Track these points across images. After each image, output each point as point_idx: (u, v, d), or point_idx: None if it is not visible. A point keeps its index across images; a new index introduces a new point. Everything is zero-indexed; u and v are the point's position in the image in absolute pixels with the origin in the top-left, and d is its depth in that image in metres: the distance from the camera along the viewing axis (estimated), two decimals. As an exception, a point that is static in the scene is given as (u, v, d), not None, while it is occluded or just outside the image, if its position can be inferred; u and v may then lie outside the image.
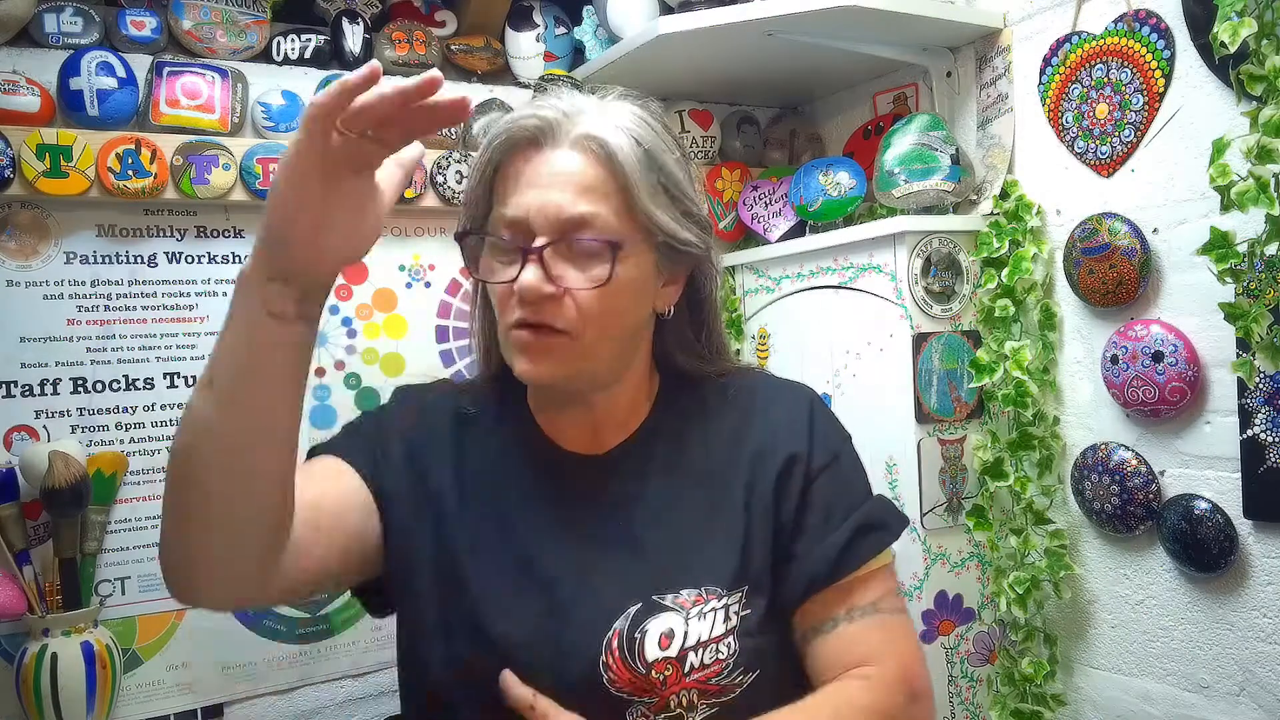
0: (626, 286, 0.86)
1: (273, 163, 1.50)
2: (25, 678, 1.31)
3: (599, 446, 0.93)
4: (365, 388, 1.65)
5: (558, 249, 0.84)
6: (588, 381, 0.89)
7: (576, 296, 0.84)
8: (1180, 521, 1.31)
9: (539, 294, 0.82)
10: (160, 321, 1.50)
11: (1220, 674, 1.31)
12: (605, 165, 0.86)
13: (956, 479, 1.52)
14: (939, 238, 1.52)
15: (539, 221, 0.84)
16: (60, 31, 1.43)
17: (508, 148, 0.88)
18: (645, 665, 0.82)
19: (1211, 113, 1.29)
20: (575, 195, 0.84)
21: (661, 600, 0.84)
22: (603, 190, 0.85)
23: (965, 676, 1.53)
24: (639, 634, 0.83)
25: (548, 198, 0.84)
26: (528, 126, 0.87)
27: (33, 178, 1.36)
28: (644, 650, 0.82)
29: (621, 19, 1.71)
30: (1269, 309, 1.17)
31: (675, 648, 0.82)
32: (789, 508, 0.89)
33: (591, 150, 0.86)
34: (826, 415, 0.96)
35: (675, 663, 0.82)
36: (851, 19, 1.51)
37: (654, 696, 0.82)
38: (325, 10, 1.65)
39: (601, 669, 0.82)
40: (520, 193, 0.85)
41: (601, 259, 0.84)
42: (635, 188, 0.86)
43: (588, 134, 0.86)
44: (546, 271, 0.83)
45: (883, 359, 1.53)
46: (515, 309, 0.84)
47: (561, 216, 0.84)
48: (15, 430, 1.39)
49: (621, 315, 0.87)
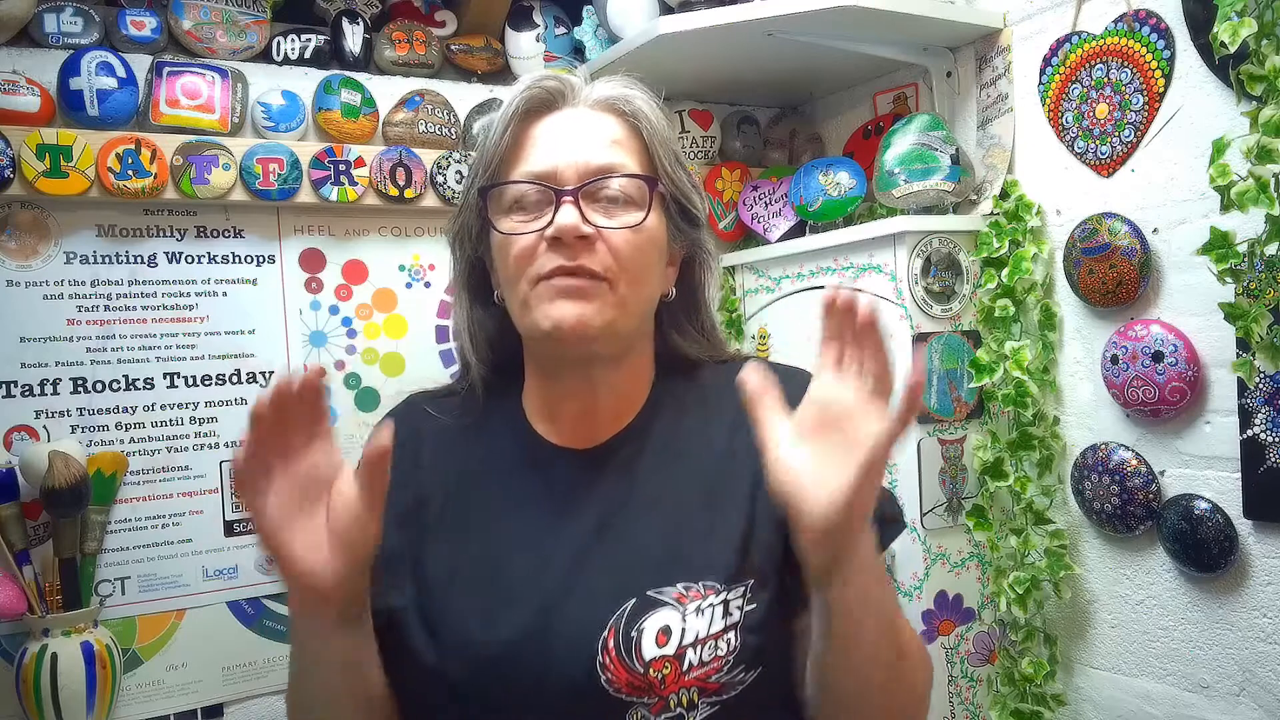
0: (653, 242, 0.88)
1: (273, 162, 1.50)
2: (25, 678, 1.31)
3: (593, 438, 0.91)
4: (365, 388, 1.65)
5: (588, 196, 0.85)
6: (615, 342, 0.88)
7: (611, 240, 0.84)
8: (1180, 521, 1.31)
9: (578, 232, 0.82)
10: (160, 321, 1.50)
11: (1220, 674, 1.31)
12: (629, 124, 0.89)
13: (956, 479, 1.52)
14: (939, 238, 1.52)
15: (567, 173, 0.85)
16: (60, 31, 1.43)
17: (528, 108, 0.89)
18: (643, 664, 0.79)
19: (1211, 113, 1.29)
20: (605, 147, 0.87)
21: (657, 595, 0.82)
22: (628, 145, 0.88)
23: (965, 676, 1.53)
24: (635, 632, 0.80)
25: (576, 149, 0.86)
26: (548, 87, 0.89)
27: (33, 178, 1.36)
28: (641, 648, 0.80)
29: (621, 19, 1.71)
30: (1269, 309, 1.17)
31: (673, 645, 0.80)
32: None
33: (615, 109, 0.89)
34: None
35: (674, 660, 0.80)
36: (851, 19, 1.51)
37: (653, 697, 0.79)
38: (325, 10, 1.66)
39: (599, 670, 0.79)
40: (545, 148, 0.87)
41: (634, 206, 0.86)
42: (658, 146, 0.89)
43: (610, 95, 0.89)
44: (582, 214, 0.84)
45: (883, 359, 1.53)
46: (546, 257, 0.84)
47: (591, 166, 0.85)
48: (15, 430, 1.39)
49: (649, 270, 0.88)
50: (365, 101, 1.61)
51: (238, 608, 1.53)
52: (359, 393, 1.64)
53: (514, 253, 0.86)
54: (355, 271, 1.65)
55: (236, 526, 1.53)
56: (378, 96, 1.63)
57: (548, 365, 0.92)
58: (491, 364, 0.96)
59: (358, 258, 1.65)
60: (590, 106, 0.89)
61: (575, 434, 0.91)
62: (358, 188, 1.57)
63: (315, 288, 1.61)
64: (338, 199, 1.56)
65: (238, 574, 1.53)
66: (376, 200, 1.60)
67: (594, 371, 0.89)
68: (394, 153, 1.60)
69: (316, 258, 1.62)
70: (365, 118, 1.61)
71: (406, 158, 1.61)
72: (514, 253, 0.86)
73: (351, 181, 1.57)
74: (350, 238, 1.64)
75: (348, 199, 1.57)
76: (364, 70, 1.65)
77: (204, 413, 1.52)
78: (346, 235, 1.64)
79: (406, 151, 1.61)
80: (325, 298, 1.62)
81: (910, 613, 1.50)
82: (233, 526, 1.53)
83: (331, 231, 1.63)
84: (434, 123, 1.66)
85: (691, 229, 0.94)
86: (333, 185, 1.55)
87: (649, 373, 0.94)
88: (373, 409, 1.64)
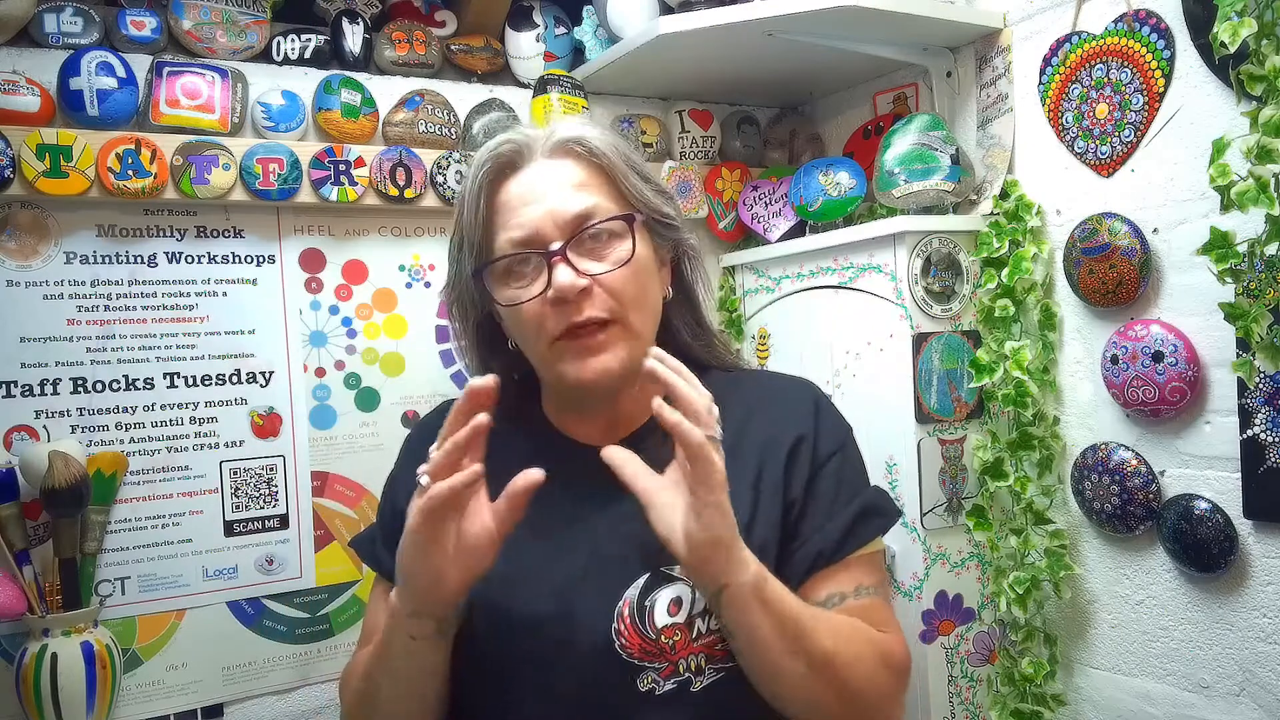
0: (645, 265, 0.92)
1: (273, 162, 1.50)
2: (25, 678, 1.31)
3: (614, 436, 0.96)
4: (365, 388, 1.65)
5: (574, 246, 0.89)
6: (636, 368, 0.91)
7: (607, 283, 0.89)
8: (1180, 521, 1.31)
9: (576, 289, 0.87)
10: (160, 321, 1.50)
11: (1220, 674, 1.31)
12: (588, 161, 0.93)
13: (956, 479, 1.52)
14: (939, 238, 1.52)
15: (548, 229, 0.89)
16: (60, 31, 1.43)
17: (491, 176, 0.93)
18: (655, 631, 0.86)
19: (1211, 113, 1.29)
20: (573, 193, 0.90)
21: (669, 572, 0.88)
22: (594, 183, 0.92)
23: (965, 676, 1.53)
24: (649, 602, 0.87)
25: (549, 204, 0.90)
26: (504, 152, 0.93)
27: (33, 178, 1.36)
28: (654, 617, 0.87)
29: (621, 19, 1.71)
30: (1269, 309, 1.17)
31: (684, 614, 0.87)
32: (798, 485, 0.93)
33: (573, 151, 0.93)
34: (831, 406, 1.01)
35: (684, 628, 0.87)
36: (851, 19, 1.51)
37: (664, 661, 0.86)
38: (325, 10, 1.65)
39: (614, 635, 0.86)
40: (519, 212, 0.91)
41: (619, 239, 0.90)
42: (620, 172, 0.93)
43: (563, 139, 0.93)
44: (574, 268, 0.88)
45: (883, 359, 1.53)
46: (554, 319, 0.88)
47: (568, 215, 0.89)
48: (15, 430, 1.39)
49: (648, 292, 0.93)
50: (365, 101, 1.61)
51: (238, 608, 1.53)
52: (359, 393, 1.64)
53: (523, 319, 0.91)
54: (355, 271, 1.65)
55: (236, 527, 1.53)
56: (378, 96, 1.63)
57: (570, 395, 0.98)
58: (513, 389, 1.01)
59: (358, 258, 1.65)
60: (549, 156, 0.93)
61: (597, 435, 0.97)
62: (358, 188, 1.57)
63: (315, 288, 1.61)
64: (338, 199, 1.56)
65: (237, 574, 1.53)
66: (376, 200, 1.60)
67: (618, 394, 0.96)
68: (394, 153, 1.60)
69: (316, 258, 1.62)
70: (365, 118, 1.61)
71: (406, 158, 1.61)
72: (523, 319, 0.91)
73: (351, 181, 1.57)
74: (350, 238, 1.64)
75: (348, 199, 1.57)
76: (364, 70, 1.65)
77: (204, 413, 1.52)
78: (346, 235, 1.64)
79: (406, 151, 1.61)
80: (325, 298, 1.62)
81: (910, 613, 1.50)
82: (232, 526, 1.53)
83: (331, 231, 1.63)
84: (434, 123, 1.66)
85: (671, 233, 0.98)
86: (333, 185, 1.55)
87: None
88: (373, 409, 1.64)
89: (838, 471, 0.95)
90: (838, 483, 0.94)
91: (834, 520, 0.92)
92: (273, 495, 1.56)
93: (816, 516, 0.92)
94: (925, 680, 1.50)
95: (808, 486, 0.93)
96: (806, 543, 0.92)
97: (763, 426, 0.96)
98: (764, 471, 0.93)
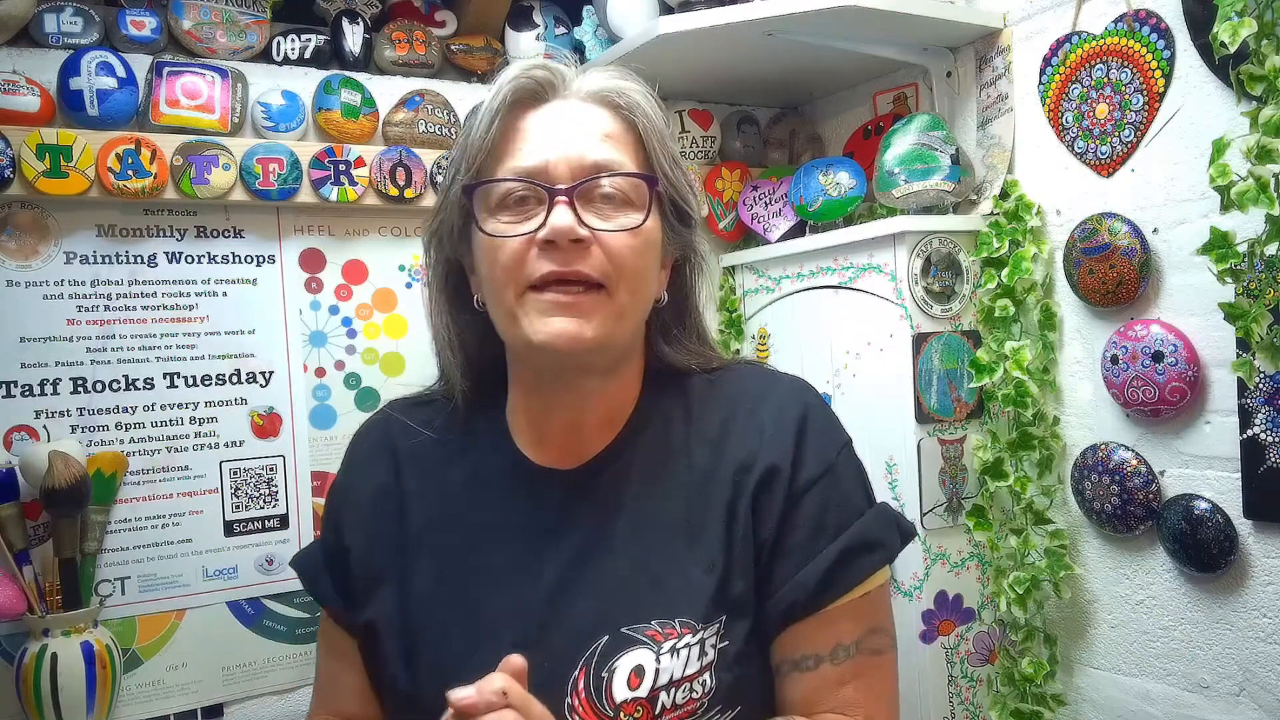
0: (651, 245, 0.83)
1: (273, 162, 1.50)
2: (25, 678, 1.31)
3: (579, 456, 0.86)
4: (365, 388, 1.65)
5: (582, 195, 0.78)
6: (610, 353, 0.83)
7: (608, 244, 0.78)
8: (1180, 521, 1.31)
9: (573, 235, 0.76)
10: (160, 321, 1.50)
11: (1220, 674, 1.31)
12: (624, 118, 0.83)
13: (956, 479, 1.52)
14: (939, 238, 1.52)
15: (560, 170, 0.79)
16: (60, 31, 1.43)
17: (516, 99, 0.82)
18: (614, 707, 0.75)
19: (1211, 113, 1.29)
20: (598, 142, 0.81)
21: (632, 633, 0.77)
22: (624, 141, 0.83)
23: (965, 676, 1.53)
24: (606, 673, 0.76)
25: (569, 144, 0.80)
26: (537, 77, 0.82)
27: (33, 178, 1.36)
28: (612, 690, 0.76)
29: (621, 19, 1.71)
30: (1269, 309, 1.17)
31: (646, 687, 0.76)
32: (769, 526, 0.81)
33: (609, 102, 0.83)
34: (822, 419, 0.87)
35: (646, 704, 0.75)
36: (851, 19, 1.51)
37: None
38: (325, 10, 1.66)
39: (567, 713, 0.75)
40: (535, 143, 0.80)
41: (631, 208, 0.81)
42: (656, 138, 0.83)
43: (604, 88, 0.83)
44: (577, 215, 0.77)
45: (883, 359, 1.54)
46: (538, 262, 0.77)
47: (585, 162, 0.79)
48: (15, 430, 1.39)
49: (647, 275, 0.83)
50: (365, 101, 1.61)
51: (238, 608, 1.53)
52: (359, 393, 1.64)
53: (502, 257, 0.79)
54: (355, 271, 1.65)
55: (236, 527, 1.54)
56: (378, 96, 1.63)
57: (534, 377, 0.87)
58: (474, 377, 0.91)
59: (358, 258, 1.65)
60: (583, 99, 0.83)
61: (561, 452, 0.87)
62: (358, 188, 1.57)
63: (315, 288, 1.61)
64: (338, 199, 1.56)
65: (237, 574, 1.53)
66: (376, 200, 1.60)
67: (584, 383, 0.85)
68: (394, 153, 1.60)
69: (316, 258, 1.62)
70: (365, 118, 1.61)
71: (406, 158, 1.61)
72: (502, 257, 0.79)
73: (351, 181, 1.57)
74: (350, 238, 1.64)
75: (348, 199, 1.57)
76: (364, 70, 1.65)
77: (204, 413, 1.52)
78: (346, 235, 1.64)
79: (406, 151, 1.61)
80: (325, 298, 1.62)
81: (910, 613, 1.50)
82: (232, 526, 1.53)
83: (331, 231, 1.63)
84: (434, 123, 1.66)
85: (686, 230, 0.89)
86: (333, 185, 1.55)
87: (638, 382, 0.90)
88: (373, 409, 1.64)
89: (820, 501, 0.82)
90: (819, 515, 0.81)
91: (812, 564, 0.80)
92: (273, 495, 1.57)
93: (790, 561, 0.80)
94: (925, 680, 1.50)
95: (780, 524, 0.81)
96: (778, 592, 0.80)
97: (740, 443, 0.84)
98: (737, 508, 0.82)
